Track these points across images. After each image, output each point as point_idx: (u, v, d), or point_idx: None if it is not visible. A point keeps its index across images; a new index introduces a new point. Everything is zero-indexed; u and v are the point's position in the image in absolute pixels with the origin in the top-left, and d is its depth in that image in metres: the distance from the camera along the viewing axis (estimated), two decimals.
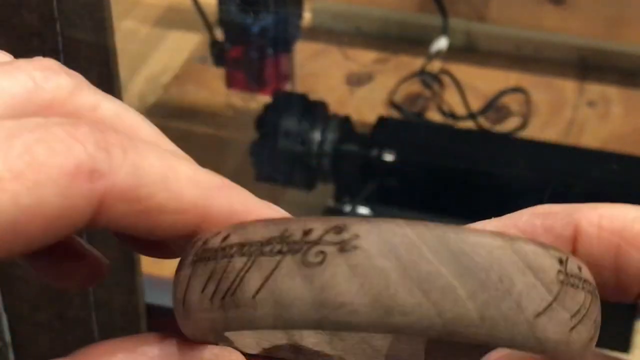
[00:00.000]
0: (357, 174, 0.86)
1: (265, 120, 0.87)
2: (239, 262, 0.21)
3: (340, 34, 1.11)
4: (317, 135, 0.86)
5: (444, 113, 1.00)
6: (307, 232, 0.20)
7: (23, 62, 0.23)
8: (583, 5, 1.10)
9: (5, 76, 0.22)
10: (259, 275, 0.20)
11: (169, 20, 1.11)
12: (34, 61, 0.23)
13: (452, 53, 1.04)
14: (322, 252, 0.20)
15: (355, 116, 0.91)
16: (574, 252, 0.24)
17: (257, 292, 0.20)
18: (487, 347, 0.23)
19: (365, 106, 1.01)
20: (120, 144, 0.21)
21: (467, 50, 1.09)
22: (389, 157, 0.85)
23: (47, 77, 0.23)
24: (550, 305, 0.21)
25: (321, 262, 0.20)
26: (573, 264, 0.22)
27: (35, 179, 0.19)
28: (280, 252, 0.20)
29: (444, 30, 1.03)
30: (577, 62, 1.07)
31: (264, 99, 0.93)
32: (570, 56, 1.07)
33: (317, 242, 0.20)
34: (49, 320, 0.62)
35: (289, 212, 0.24)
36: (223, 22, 0.92)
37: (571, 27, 1.09)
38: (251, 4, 0.90)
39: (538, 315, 0.20)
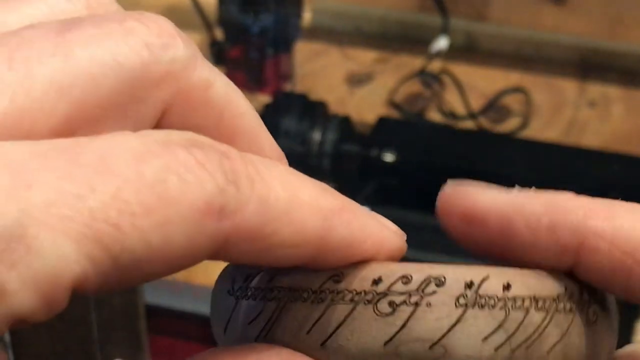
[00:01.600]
0: (357, 174, 0.86)
1: (265, 120, 0.87)
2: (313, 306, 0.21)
3: (340, 34, 1.11)
4: (317, 135, 0.86)
5: (444, 113, 1.00)
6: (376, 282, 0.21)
7: (135, 22, 0.20)
8: (584, 5, 1.10)
9: (117, 39, 0.19)
10: (333, 323, 0.21)
11: (169, 20, 1.11)
12: (149, 21, 0.20)
13: (453, 53, 1.04)
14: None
15: (355, 116, 0.91)
16: (577, 263, 0.22)
17: (326, 340, 0.20)
18: None
19: (365, 106, 1.01)
20: (247, 173, 0.19)
21: (467, 50, 1.09)
22: (389, 157, 0.85)
23: (165, 46, 0.20)
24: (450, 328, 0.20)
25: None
26: (493, 284, 0.21)
27: (166, 215, 0.17)
28: (352, 300, 0.21)
29: (444, 30, 1.03)
30: (578, 62, 1.07)
31: (264, 99, 0.93)
32: (570, 56, 1.07)
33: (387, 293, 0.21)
34: (49, 320, 0.62)
35: None
36: (223, 22, 0.92)
37: (572, 27, 1.09)
38: (251, 4, 0.90)
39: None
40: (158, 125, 0.20)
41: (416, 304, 0.20)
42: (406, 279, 0.21)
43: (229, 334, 0.21)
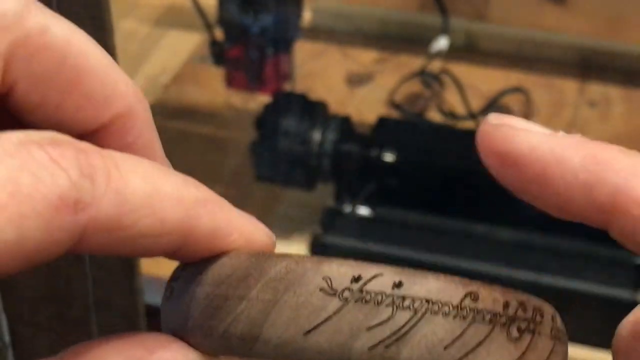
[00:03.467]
0: (357, 174, 0.86)
1: (265, 120, 0.87)
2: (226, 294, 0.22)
3: (340, 34, 1.11)
4: (317, 135, 0.86)
5: (444, 113, 1.00)
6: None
7: None
8: (584, 5, 1.10)
9: None
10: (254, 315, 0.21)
11: (169, 20, 1.11)
12: None
13: (453, 53, 1.04)
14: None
15: (355, 116, 0.91)
16: (610, 223, 0.21)
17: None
18: None
19: (365, 106, 1.01)
20: (104, 168, 0.19)
21: (467, 50, 1.09)
22: (389, 157, 0.85)
23: None
24: (325, 321, 0.21)
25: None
26: (382, 281, 0.21)
27: (19, 211, 0.18)
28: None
29: (444, 30, 1.03)
30: (578, 62, 1.07)
31: (264, 99, 0.93)
32: (571, 56, 1.07)
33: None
34: (49, 320, 0.62)
35: (289, 212, 0.24)
36: (223, 22, 0.92)
37: (572, 27, 1.08)
38: (251, 4, 0.90)
39: (308, 332, 0.21)
40: (5, 77, 0.21)
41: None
42: None
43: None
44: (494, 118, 0.23)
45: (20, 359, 0.64)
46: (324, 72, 1.06)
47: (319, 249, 0.83)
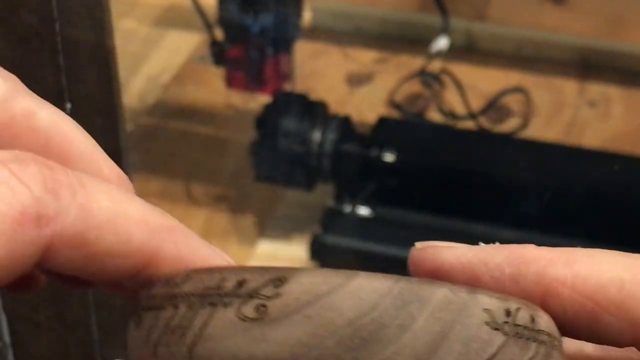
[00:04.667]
0: (357, 174, 0.86)
1: (265, 120, 0.87)
2: (181, 312, 0.20)
3: (340, 33, 1.11)
4: (317, 135, 0.86)
5: (444, 113, 1.00)
6: (240, 284, 0.19)
7: None
8: (584, 5, 1.10)
9: None
10: (195, 328, 0.19)
11: (169, 20, 1.11)
12: None
13: (453, 53, 1.04)
14: (260, 306, 0.19)
15: (355, 116, 0.91)
16: (544, 309, 0.22)
17: (192, 346, 0.19)
18: None
19: (365, 106, 1.01)
20: (69, 184, 0.20)
21: (467, 50, 1.09)
22: (389, 157, 0.85)
23: None
24: (492, 357, 0.19)
25: (260, 317, 0.19)
26: (524, 314, 0.21)
27: None
28: (212, 304, 0.19)
29: (445, 30, 1.03)
30: (578, 62, 1.07)
31: (264, 99, 0.93)
32: (571, 56, 1.07)
33: (252, 295, 0.19)
34: (49, 320, 0.62)
35: (289, 213, 0.24)
36: (223, 22, 0.92)
37: (572, 27, 1.09)
38: (251, 3, 0.90)
39: None
40: None
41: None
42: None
43: None
44: (418, 244, 0.24)
45: (20, 359, 0.64)
46: (324, 72, 1.06)
47: (319, 249, 0.83)
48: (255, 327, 0.19)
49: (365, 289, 0.19)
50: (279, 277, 0.19)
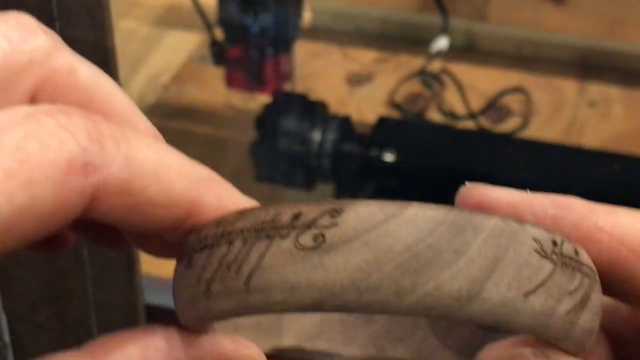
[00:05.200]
0: (357, 174, 0.86)
1: (265, 120, 0.87)
2: (236, 247, 0.20)
3: (340, 34, 1.11)
4: (317, 135, 0.86)
5: (444, 113, 1.00)
6: (297, 216, 0.20)
7: None
8: (584, 5, 1.10)
9: None
10: (252, 261, 0.20)
11: (169, 20, 1.11)
12: (9, 18, 0.22)
13: (453, 53, 1.04)
14: (317, 235, 0.19)
15: (355, 116, 0.91)
16: None
17: (249, 278, 0.20)
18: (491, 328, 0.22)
19: (365, 106, 1.01)
20: (113, 135, 0.20)
21: (467, 50, 1.09)
22: (389, 157, 0.85)
23: (24, 38, 0.22)
24: (543, 283, 0.20)
25: (316, 247, 0.19)
26: (569, 246, 0.21)
27: (29, 177, 0.19)
28: (269, 236, 0.20)
29: (445, 30, 1.03)
30: (578, 62, 1.07)
31: (264, 99, 0.93)
32: (570, 56, 1.07)
33: (309, 226, 0.20)
34: (49, 320, 0.62)
35: None
36: (223, 22, 0.92)
37: (572, 27, 1.08)
38: (251, 3, 0.90)
39: (528, 293, 0.20)
40: None
41: None
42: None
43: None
44: (468, 183, 0.26)
45: (20, 359, 0.64)
46: (324, 72, 1.06)
47: None
48: (313, 255, 0.19)
49: (421, 217, 0.20)
50: (335, 208, 0.20)
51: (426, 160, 0.87)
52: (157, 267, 0.72)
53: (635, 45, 1.07)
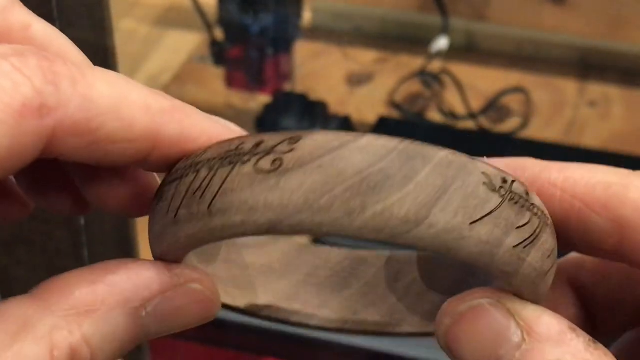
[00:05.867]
0: None
1: (265, 120, 0.87)
2: (202, 175, 0.21)
3: (340, 34, 1.11)
4: None
5: (444, 113, 1.00)
6: (258, 144, 0.21)
7: None
8: (584, 5, 1.10)
9: None
10: (215, 186, 0.20)
11: (169, 20, 1.11)
12: None
13: (453, 53, 1.04)
14: (276, 160, 0.20)
15: (355, 116, 0.91)
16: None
17: (212, 202, 0.20)
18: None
19: (365, 106, 1.01)
20: (69, 74, 0.20)
21: (467, 50, 1.09)
22: None
23: None
24: (489, 214, 0.21)
25: (275, 169, 0.20)
26: (519, 186, 0.22)
27: None
28: (231, 162, 0.20)
29: (444, 30, 1.03)
30: (578, 62, 1.07)
31: (264, 99, 0.93)
32: (571, 56, 1.07)
33: (269, 152, 0.20)
34: None
35: None
36: (223, 22, 0.92)
37: (572, 27, 1.08)
38: (251, 4, 0.90)
39: (474, 221, 0.20)
40: None
41: None
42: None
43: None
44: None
45: None
46: (323, 72, 1.06)
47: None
48: (271, 178, 0.20)
49: (374, 145, 0.21)
50: (294, 136, 0.21)
51: None
52: None
53: (635, 45, 1.07)
